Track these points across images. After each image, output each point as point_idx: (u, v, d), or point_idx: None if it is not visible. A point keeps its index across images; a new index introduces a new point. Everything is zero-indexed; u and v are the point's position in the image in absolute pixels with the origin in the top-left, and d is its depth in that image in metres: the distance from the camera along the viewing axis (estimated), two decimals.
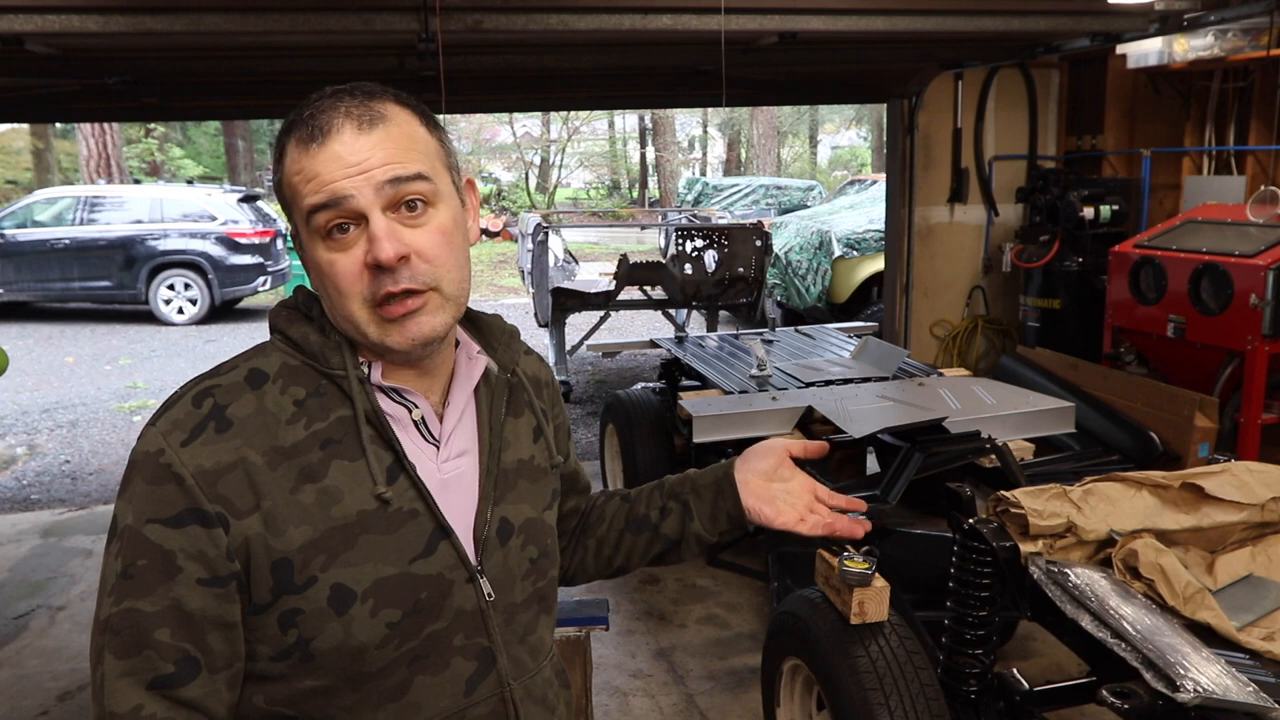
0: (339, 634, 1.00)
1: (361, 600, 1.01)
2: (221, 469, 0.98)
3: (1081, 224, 5.57)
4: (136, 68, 5.02)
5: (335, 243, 1.01)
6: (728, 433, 3.59)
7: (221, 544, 0.98)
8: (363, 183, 0.99)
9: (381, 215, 1.00)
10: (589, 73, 5.76)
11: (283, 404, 1.03)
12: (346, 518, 1.01)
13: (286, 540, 0.99)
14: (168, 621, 0.97)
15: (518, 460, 1.17)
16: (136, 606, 0.97)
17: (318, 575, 0.99)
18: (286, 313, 1.11)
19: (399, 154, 1.01)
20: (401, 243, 1.00)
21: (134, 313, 11.97)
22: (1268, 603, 2.01)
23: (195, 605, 0.97)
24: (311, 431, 1.03)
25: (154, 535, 0.97)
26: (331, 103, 1.02)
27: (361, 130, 1.00)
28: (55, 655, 3.68)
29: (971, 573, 2.17)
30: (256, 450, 1.00)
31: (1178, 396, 4.21)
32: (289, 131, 1.03)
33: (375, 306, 1.01)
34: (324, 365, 1.06)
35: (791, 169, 29.89)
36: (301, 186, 1.01)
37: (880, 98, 6.72)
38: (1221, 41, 5.01)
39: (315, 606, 0.99)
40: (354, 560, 1.01)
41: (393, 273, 1.00)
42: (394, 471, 1.05)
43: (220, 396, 1.02)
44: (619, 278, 7.49)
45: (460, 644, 1.08)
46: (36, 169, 20.34)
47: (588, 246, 15.43)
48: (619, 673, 3.48)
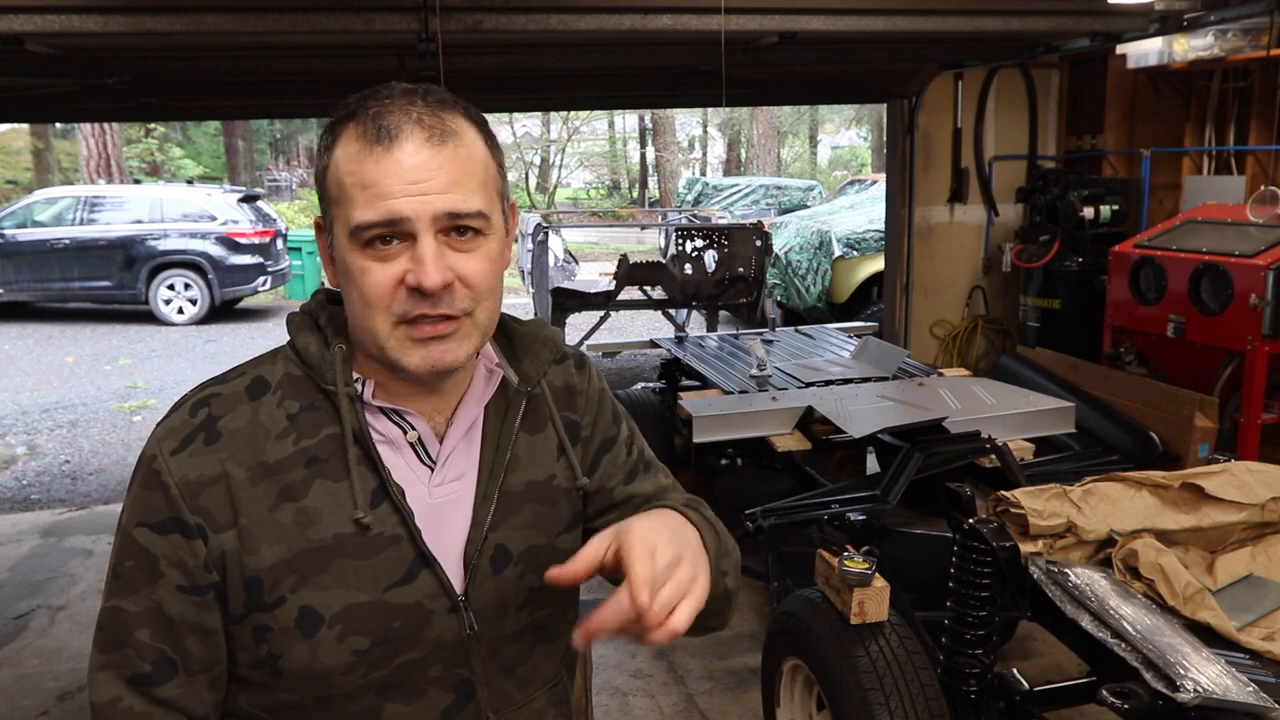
0: (305, 656, 0.99)
1: (329, 625, 0.99)
2: (205, 481, 0.98)
3: (1081, 224, 5.57)
4: (136, 68, 5.02)
5: (375, 253, 0.96)
6: (728, 433, 3.59)
7: (200, 555, 0.98)
8: (421, 206, 0.94)
9: (432, 239, 0.95)
10: (589, 73, 5.76)
11: (276, 417, 1.01)
12: (322, 540, 0.99)
13: (259, 559, 0.98)
14: (148, 623, 0.99)
15: (528, 482, 1.10)
16: (121, 605, 1.00)
17: (286, 596, 0.98)
18: (299, 319, 1.08)
19: (463, 181, 0.96)
20: (448, 268, 0.96)
21: (134, 313, 11.96)
22: (1268, 603, 2.01)
23: (175, 610, 0.99)
24: (299, 448, 1.00)
25: (141, 538, 0.99)
26: (402, 104, 0.97)
27: (430, 143, 0.95)
28: (55, 655, 3.68)
29: (971, 573, 2.17)
30: (240, 465, 0.99)
31: (1178, 396, 4.21)
32: (348, 120, 0.98)
33: (403, 324, 0.97)
34: (320, 379, 1.03)
35: (791, 169, 29.88)
36: (354, 191, 0.95)
37: (880, 98, 6.72)
38: (1221, 41, 5.01)
39: (282, 626, 0.99)
40: (325, 584, 0.99)
41: (431, 298, 0.95)
42: (378, 496, 1.01)
43: (216, 407, 1.01)
44: (619, 278, 7.48)
45: (436, 675, 1.05)
46: (36, 169, 20.33)
47: (588, 246, 15.44)
48: (619, 673, 3.48)
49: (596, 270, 9.93)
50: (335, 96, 1.64)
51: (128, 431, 6.99)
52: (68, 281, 11.68)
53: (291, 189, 24.22)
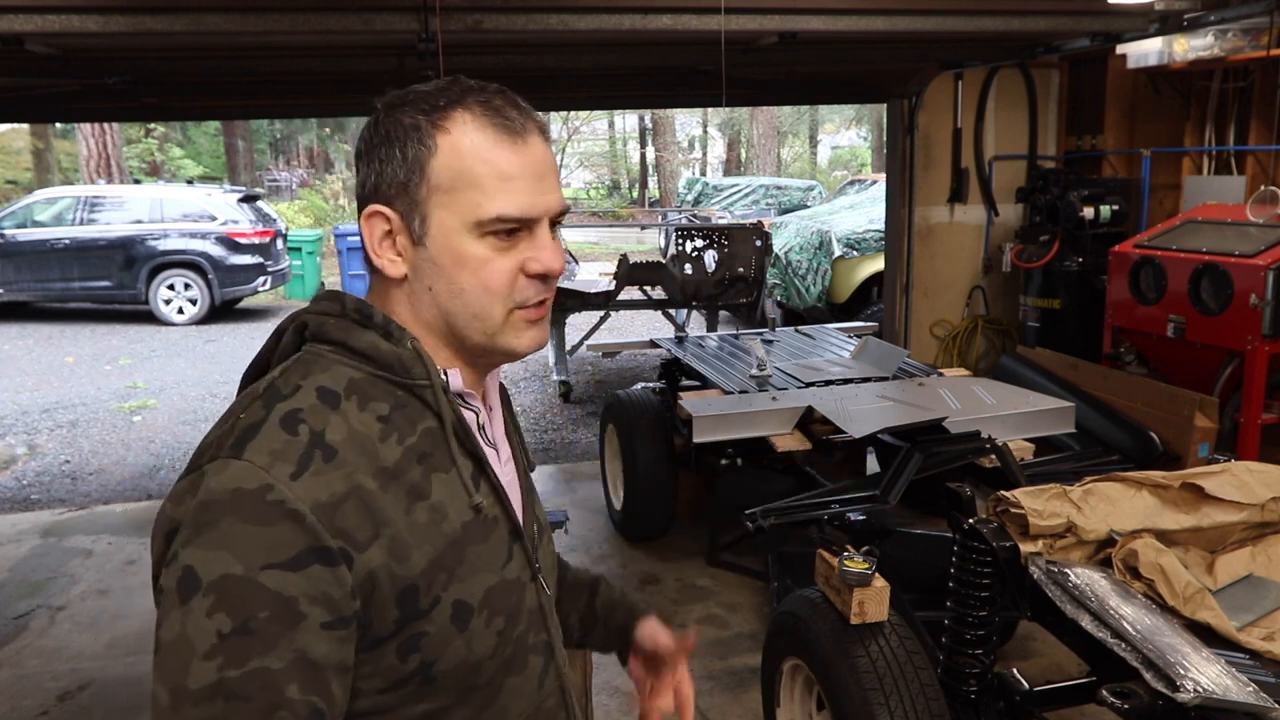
0: (461, 650, 0.99)
1: (478, 612, 1.00)
2: (338, 500, 0.91)
3: (1081, 224, 5.57)
4: (136, 68, 5.02)
5: (500, 242, 1.00)
6: (728, 433, 3.59)
7: (346, 582, 0.90)
8: (546, 206, 1.02)
9: (548, 228, 1.03)
10: (589, 73, 5.76)
11: (367, 422, 0.97)
12: (454, 532, 0.99)
13: (411, 565, 0.95)
14: (295, 675, 0.88)
15: (524, 463, 1.20)
16: (265, 665, 0.87)
17: (440, 595, 0.97)
18: (335, 321, 1.02)
19: (558, 178, 1.06)
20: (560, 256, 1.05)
21: (134, 313, 11.97)
22: (1268, 603, 2.01)
23: (320, 653, 0.90)
24: (406, 447, 0.98)
25: (271, 583, 0.87)
26: (503, 100, 1.02)
27: (544, 141, 1.03)
28: (55, 655, 3.68)
29: (971, 573, 2.17)
30: (367, 474, 0.94)
31: (1178, 396, 4.21)
32: (455, 106, 0.99)
33: (518, 309, 1.03)
34: (402, 376, 1.00)
35: (791, 169, 29.89)
36: (490, 181, 0.98)
37: (880, 98, 6.72)
38: (1221, 41, 5.01)
39: (439, 627, 0.97)
40: (466, 574, 1.00)
41: (549, 282, 1.04)
42: (477, 478, 1.04)
43: (312, 420, 0.94)
44: (619, 278, 7.49)
45: (533, 641, 1.10)
46: (36, 169, 20.34)
47: (588, 246, 15.45)
48: (619, 672, 3.48)
49: (596, 270, 9.92)
50: (335, 97, 1.67)
51: (128, 431, 6.99)
52: (68, 281, 11.69)
53: (291, 189, 24.22)
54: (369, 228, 1.02)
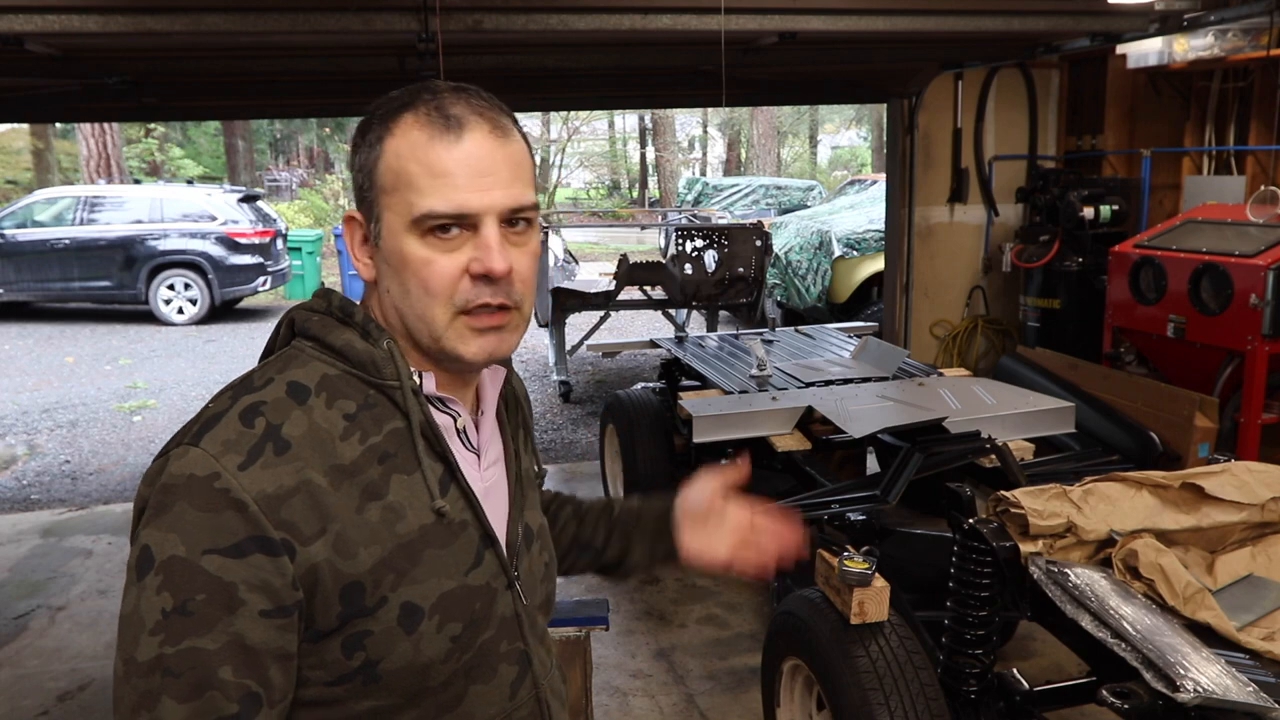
0: (408, 653, 0.99)
1: (429, 616, 1.00)
2: (284, 493, 0.93)
3: (1081, 224, 5.57)
4: (136, 68, 5.02)
5: (437, 241, 0.98)
6: (728, 433, 3.59)
7: (287, 572, 0.92)
8: (490, 200, 0.98)
9: (495, 226, 0.99)
10: (589, 73, 5.76)
11: (332, 419, 0.99)
12: (410, 534, 0.99)
13: (357, 563, 0.96)
14: (229, 658, 0.91)
15: (524, 468, 1.19)
16: (198, 645, 0.90)
17: (388, 595, 0.97)
18: (318, 318, 1.05)
19: (521, 175, 1.01)
20: (508, 257, 0.99)
21: (134, 313, 11.97)
22: (1268, 603, 2.01)
23: (257, 638, 0.92)
24: (367, 446, 0.99)
25: (211, 567, 0.90)
26: (454, 98, 1.00)
27: (493, 135, 0.99)
28: (55, 655, 3.68)
29: (971, 573, 2.17)
30: (318, 471, 0.95)
31: (1178, 396, 4.21)
32: (402, 111, 0.99)
33: (461, 314, 1.00)
34: (374, 375, 1.01)
35: (791, 169, 29.89)
36: (422, 179, 0.97)
37: (880, 98, 6.72)
38: (1221, 41, 5.01)
39: (385, 627, 0.98)
40: (420, 577, 0.99)
41: (495, 284, 0.99)
42: (445, 483, 1.03)
43: (271, 414, 0.96)
44: (619, 278, 7.49)
45: (504, 650, 1.09)
46: (36, 169, 20.34)
47: (588, 246, 15.44)
48: (619, 673, 3.48)
49: (596, 270, 9.93)
50: (335, 97, 1.67)
51: (128, 431, 7.00)
52: (68, 281, 11.69)
53: (291, 189, 24.21)
54: (349, 232, 1.06)
